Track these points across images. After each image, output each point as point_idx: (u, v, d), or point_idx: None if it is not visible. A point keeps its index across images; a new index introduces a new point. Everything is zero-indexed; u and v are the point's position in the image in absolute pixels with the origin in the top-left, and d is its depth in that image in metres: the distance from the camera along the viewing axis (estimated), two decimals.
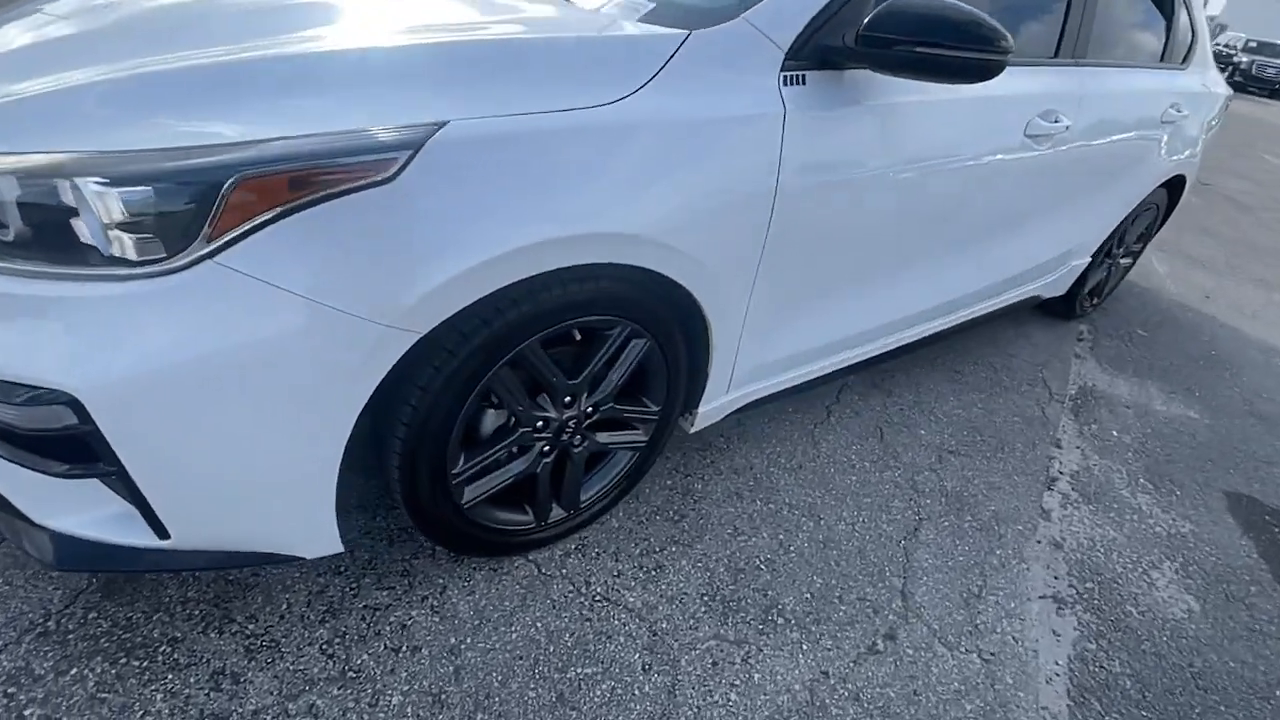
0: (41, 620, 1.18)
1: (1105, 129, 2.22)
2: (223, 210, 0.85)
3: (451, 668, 1.23)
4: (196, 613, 1.24)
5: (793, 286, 1.52)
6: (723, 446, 1.89)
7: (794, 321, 1.61)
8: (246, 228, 0.86)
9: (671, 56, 1.16)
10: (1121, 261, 3.12)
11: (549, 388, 1.27)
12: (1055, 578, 1.68)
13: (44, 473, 0.95)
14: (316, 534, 1.11)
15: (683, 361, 1.44)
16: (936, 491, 1.88)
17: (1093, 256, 2.76)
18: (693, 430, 1.62)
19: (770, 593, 1.49)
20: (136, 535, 1.02)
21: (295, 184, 0.87)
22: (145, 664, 1.15)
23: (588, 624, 1.35)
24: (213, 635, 1.21)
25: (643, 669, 1.29)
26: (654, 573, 1.49)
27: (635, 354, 1.35)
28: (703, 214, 1.22)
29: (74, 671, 1.12)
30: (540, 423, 1.30)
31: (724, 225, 1.26)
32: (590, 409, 1.36)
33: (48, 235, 0.85)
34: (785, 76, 1.28)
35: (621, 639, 1.34)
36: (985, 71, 1.28)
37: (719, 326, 1.42)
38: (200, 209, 0.84)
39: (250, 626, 1.23)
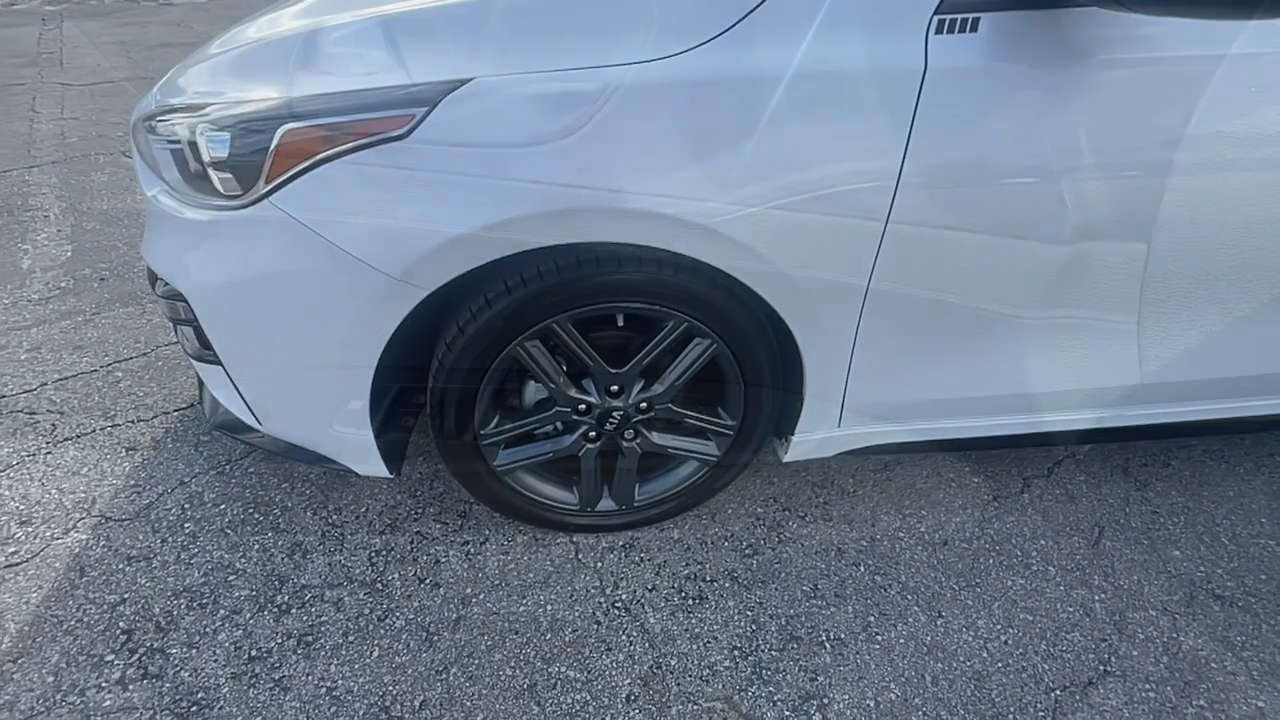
0: (223, 463, 1.57)
1: None
2: (275, 157, 0.97)
3: (455, 615, 1.28)
4: (307, 492, 1.51)
5: (937, 312, 1.15)
6: (848, 489, 1.56)
7: (943, 357, 1.22)
8: (292, 173, 0.97)
9: (762, 2, 0.94)
10: None
11: (588, 371, 1.19)
12: None
13: (189, 353, 1.24)
14: (362, 455, 1.24)
15: (766, 378, 1.21)
16: (1158, 644, 1.28)
17: None
18: (785, 459, 1.37)
19: (820, 679, 1.20)
20: (248, 416, 1.27)
21: (326, 136, 0.95)
22: (261, 519, 1.45)
23: (595, 627, 1.27)
24: (309, 514, 1.46)
25: (626, 699, 1.16)
26: (692, 602, 1.32)
27: (697, 355, 1.18)
28: (778, 204, 0.99)
29: (221, 506, 1.47)
30: (582, 406, 1.23)
31: (811, 223, 1.01)
32: (644, 404, 1.24)
33: (188, 168, 1.08)
34: (941, 21, 0.94)
35: (620, 657, 1.22)
36: None
37: (812, 347, 1.16)
38: (261, 155, 0.98)
39: (335, 516, 1.46)
